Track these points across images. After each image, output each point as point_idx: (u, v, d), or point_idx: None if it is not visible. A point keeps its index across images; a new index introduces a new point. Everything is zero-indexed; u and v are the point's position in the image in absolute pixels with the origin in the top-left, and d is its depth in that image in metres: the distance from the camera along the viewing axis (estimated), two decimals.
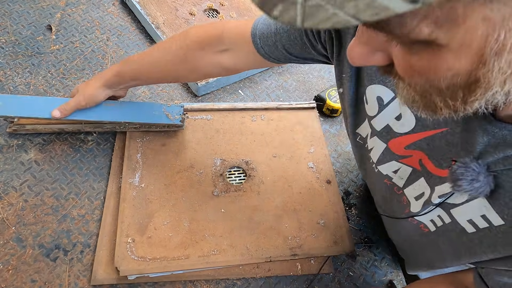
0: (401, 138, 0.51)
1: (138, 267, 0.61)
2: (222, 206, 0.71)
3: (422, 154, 0.50)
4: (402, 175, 0.55)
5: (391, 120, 0.52)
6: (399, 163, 0.54)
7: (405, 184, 0.55)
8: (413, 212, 0.54)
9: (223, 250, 0.66)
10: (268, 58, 0.59)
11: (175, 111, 0.78)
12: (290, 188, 0.76)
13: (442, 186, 0.48)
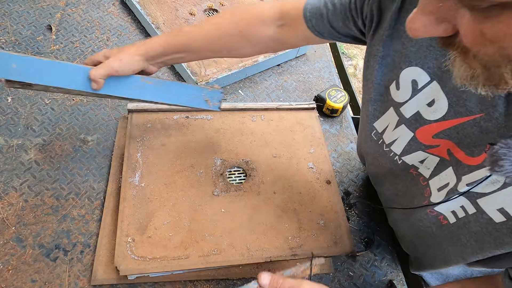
0: (430, 126, 0.50)
1: (138, 267, 0.61)
2: (222, 206, 0.71)
3: (451, 143, 0.49)
4: (429, 165, 0.54)
5: (423, 106, 0.51)
6: (425, 153, 0.53)
7: (432, 174, 0.54)
8: (433, 202, 0.53)
9: (223, 250, 0.66)
10: (313, 31, 0.61)
11: (215, 96, 0.71)
12: (290, 188, 0.76)
13: (471, 175, 0.47)
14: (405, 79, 0.51)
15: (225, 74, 0.91)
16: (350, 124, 0.95)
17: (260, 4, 0.66)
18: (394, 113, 0.55)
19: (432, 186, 0.54)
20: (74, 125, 0.80)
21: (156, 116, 0.81)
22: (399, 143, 0.56)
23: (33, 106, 0.81)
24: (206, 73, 0.91)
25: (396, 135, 0.56)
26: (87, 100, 0.85)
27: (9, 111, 0.80)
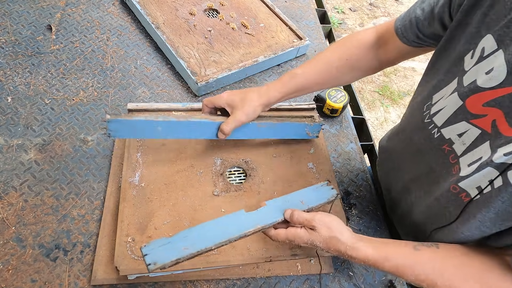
0: (483, 94, 0.51)
1: (138, 267, 0.61)
2: (223, 206, 0.71)
3: (499, 112, 0.50)
4: (466, 139, 0.55)
5: (481, 74, 0.52)
6: (469, 124, 0.54)
7: (465, 151, 0.55)
8: (462, 176, 0.55)
9: (223, 250, 0.66)
10: (404, 41, 0.66)
11: (315, 129, 0.80)
12: (290, 188, 0.76)
13: (507, 146, 0.48)
14: (480, 47, 0.53)
15: (225, 74, 0.91)
16: (350, 124, 0.95)
17: (359, 33, 0.74)
18: (455, 82, 0.56)
19: (463, 163, 0.55)
20: (74, 125, 0.80)
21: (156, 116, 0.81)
22: (444, 113, 0.58)
23: (33, 106, 0.81)
24: (206, 73, 0.91)
25: (444, 104, 0.58)
26: (87, 100, 0.85)
27: (9, 111, 0.80)
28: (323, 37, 1.16)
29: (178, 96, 0.91)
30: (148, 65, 0.95)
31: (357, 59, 0.72)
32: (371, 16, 3.03)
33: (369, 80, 2.54)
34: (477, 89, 0.52)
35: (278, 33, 1.06)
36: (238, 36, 1.02)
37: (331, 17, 2.89)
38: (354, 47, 0.73)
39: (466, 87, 0.54)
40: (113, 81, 0.90)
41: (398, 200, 0.75)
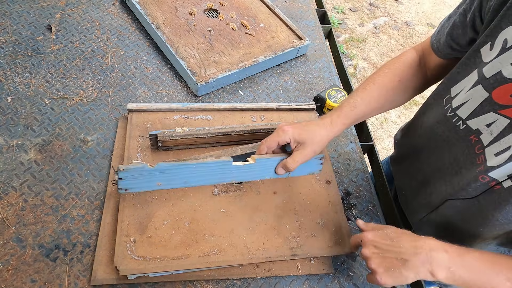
0: (510, 85, 0.52)
1: (138, 267, 0.61)
2: (222, 206, 0.71)
3: None
4: (495, 129, 0.55)
5: (506, 65, 0.52)
6: (497, 114, 0.54)
7: (492, 140, 0.56)
8: (489, 166, 0.55)
9: (223, 250, 0.66)
10: (437, 53, 0.69)
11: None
12: (290, 188, 0.76)
13: None
14: (500, 38, 0.53)
15: (225, 74, 0.91)
16: None
17: (402, 54, 0.75)
18: (476, 75, 0.57)
19: (488, 152, 0.56)
20: (74, 125, 0.80)
21: (156, 116, 0.81)
22: (469, 106, 0.58)
23: (33, 106, 0.81)
24: (206, 73, 0.91)
25: (468, 97, 0.58)
26: (87, 100, 0.85)
27: (9, 111, 0.80)
28: (323, 37, 1.16)
29: (178, 96, 0.91)
30: (148, 65, 0.95)
31: (407, 79, 0.73)
32: (371, 16, 3.03)
33: None
34: (504, 80, 0.53)
35: (278, 33, 1.06)
36: (238, 36, 1.02)
37: (331, 17, 2.89)
38: (402, 67, 0.73)
39: (491, 78, 0.54)
40: (113, 81, 0.90)
41: (416, 192, 0.75)
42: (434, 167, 0.69)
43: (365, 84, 0.74)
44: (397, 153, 0.86)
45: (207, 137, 0.76)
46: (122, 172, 0.59)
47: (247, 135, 0.78)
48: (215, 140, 0.77)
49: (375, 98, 0.72)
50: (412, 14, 3.11)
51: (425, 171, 0.72)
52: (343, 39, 2.78)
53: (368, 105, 0.72)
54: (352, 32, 2.86)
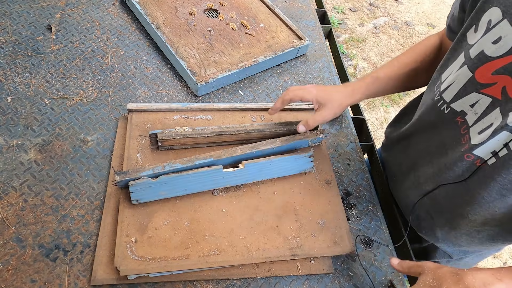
0: (492, 63, 0.54)
1: (138, 267, 0.61)
2: (223, 206, 0.71)
3: (509, 78, 0.52)
4: (478, 109, 0.57)
5: (488, 44, 0.54)
6: (479, 94, 0.56)
7: (477, 119, 0.57)
8: (473, 144, 0.57)
9: (223, 250, 0.66)
10: (449, 37, 0.70)
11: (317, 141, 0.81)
12: (290, 189, 0.76)
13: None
14: (484, 20, 0.55)
15: (225, 74, 0.91)
16: (350, 124, 0.95)
17: (427, 38, 0.79)
18: (463, 57, 0.59)
19: (473, 132, 0.58)
20: (74, 125, 0.80)
21: (156, 116, 0.81)
22: (453, 88, 0.60)
23: (33, 106, 0.81)
24: (206, 73, 0.91)
25: (453, 79, 0.60)
26: (87, 100, 0.85)
27: (9, 111, 0.80)
28: (323, 37, 1.16)
29: (178, 96, 0.91)
30: (148, 65, 0.95)
31: (429, 61, 0.76)
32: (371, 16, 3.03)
33: None
34: (486, 59, 0.54)
35: (278, 33, 1.06)
36: (238, 36, 1.02)
37: (331, 17, 2.89)
38: (425, 50, 0.76)
39: (474, 58, 0.56)
40: (113, 81, 0.90)
41: (405, 177, 0.77)
42: (422, 151, 0.71)
43: (389, 62, 0.78)
44: (388, 140, 0.88)
45: (207, 136, 0.76)
46: (132, 186, 0.65)
47: (247, 134, 0.78)
48: (215, 139, 0.77)
49: (397, 75, 0.75)
50: (412, 14, 3.11)
51: (413, 156, 0.74)
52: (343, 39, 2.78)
53: (389, 80, 0.75)
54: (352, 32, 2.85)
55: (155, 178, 0.66)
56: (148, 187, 0.66)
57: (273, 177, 0.76)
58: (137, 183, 0.65)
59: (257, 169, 0.73)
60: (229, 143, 0.80)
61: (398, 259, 0.61)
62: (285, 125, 0.81)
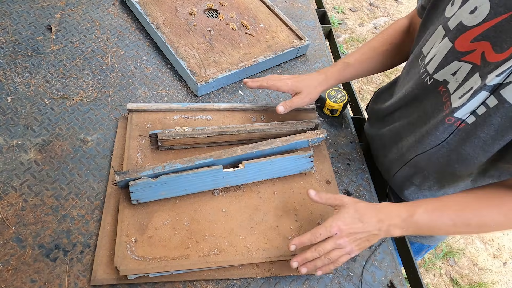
0: (470, 32, 0.58)
1: (138, 267, 0.61)
2: (222, 206, 0.71)
3: (487, 44, 0.56)
4: (459, 76, 0.61)
5: (465, 15, 0.58)
6: (460, 62, 0.60)
7: (457, 86, 0.61)
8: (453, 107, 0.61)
9: (223, 250, 0.66)
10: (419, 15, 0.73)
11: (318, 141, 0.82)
12: (290, 189, 0.76)
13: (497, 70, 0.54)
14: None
15: (225, 74, 0.91)
16: (350, 124, 0.95)
17: (397, 21, 0.84)
18: (442, 29, 0.63)
19: (454, 97, 0.62)
20: (74, 125, 0.80)
21: (156, 116, 0.81)
22: (436, 59, 0.64)
23: (33, 106, 0.81)
24: (206, 73, 0.91)
25: (436, 51, 0.64)
26: (87, 100, 0.85)
27: (9, 111, 0.80)
28: (323, 37, 1.16)
29: (178, 96, 0.91)
30: (148, 65, 0.95)
31: (397, 43, 0.81)
32: (371, 16, 3.03)
33: (369, 80, 2.54)
34: (464, 29, 0.58)
35: (278, 33, 1.06)
36: (238, 36, 1.02)
37: (331, 17, 2.89)
38: (393, 33, 0.82)
39: (454, 29, 0.60)
40: (113, 81, 0.90)
41: (389, 150, 0.80)
42: (405, 124, 0.74)
43: (360, 47, 0.84)
44: (372, 117, 0.91)
45: (207, 136, 0.76)
46: (132, 186, 0.65)
47: (247, 134, 0.78)
48: (215, 140, 0.77)
49: (367, 59, 0.82)
50: None
51: (397, 129, 0.77)
52: (343, 39, 2.78)
53: (360, 65, 0.81)
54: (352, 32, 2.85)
55: (155, 178, 0.66)
56: (148, 187, 0.66)
57: (273, 177, 0.76)
58: (137, 183, 0.65)
59: (257, 169, 0.73)
60: (229, 143, 0.80)
61: (315, 190, 0.66)
62: (285, 125, 0.81)
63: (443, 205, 0.62)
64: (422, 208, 0.62)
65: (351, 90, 1.04)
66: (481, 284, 1.70)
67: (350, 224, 0.61)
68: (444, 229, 0.61)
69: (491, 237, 1.87)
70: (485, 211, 0.60)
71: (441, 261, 1.77)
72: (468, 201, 0.62)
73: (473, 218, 0.60)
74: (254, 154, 0.73)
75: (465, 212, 0.60)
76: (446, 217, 0.60)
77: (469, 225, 0.60)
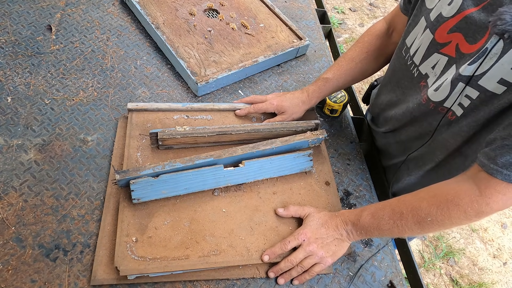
0: (446, 23, 0.60)
1: (138, 267, 0.61)
2: (223, 206, 0.71)
3: (460, 36, 0.59)
4: (438, 70, 0.64)
5: (444, 6, 0.61)
6: (439, 54, 0.63)
7: (435, 81, 0.64)
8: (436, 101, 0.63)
9: (223, 250, 0.66)
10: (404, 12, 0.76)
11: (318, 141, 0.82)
12: (290, 189, 0.76)
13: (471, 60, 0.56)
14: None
15: (225, 74, 0.91)
16: (350, 124, 0.94)
17: (371, 27, 0.85)
18: (424, 21, 0.65)
19: (430, 91, 0.64)
20: (74, 125, 0.80)
21: (156, 115, 0.81)
22: (421, 50, 0.66)
23: (33, 106, 0.81)
24: (206, 73, 0.91)
25: (420, 42, 0.66)
26: (87, 100, 0.85)
27: (9, 111, 0.80)
28: (323, 37, 1.16)
29: (178, 96, 0.91)
30: (148, 65, 0.95)
31: (375, 49, 0.82)
32: (371, 16, 3.03)
33: (369, 80, 2.54)
34: (442, 20, 0.60)
35: (278, 33, 1.06)
36: (238, 36, 1.02)
37: (331, 17, 2.89)
38: (369, 39, 0.83)
39: (434, 20, 0.62)
40: (113, 81, 0.90)
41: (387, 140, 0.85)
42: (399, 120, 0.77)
43: (338, 60, 0.85)
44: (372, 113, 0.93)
45: (208, 136, 0.76)
46: (133, 184, 0.65)
47: (247, 134, 0.78)
48: (215, 139, 0.77)
49: (345, 72, 0.83)
50: None
51: (393, 124, 0.80)
52: (343, 39, 2.78)
53: (339, 78, 0.83)
54: (352, 32, 2.85)
55: (156, 176, 0.66)
56: (149, 186, 0.66)
57: (273, 176, 0.76)
58: (139, 182, 0.65)
59: (257, 167, 0.73)
60: (229, 143, 0.80)
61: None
62: (285, 125, 0.81)
63: (383, 206, 0.63)
64: (366, 211, 0.64)
65: (351, 90, 1.04)
66: (481, 284, 1.70)
67: (315, 230, 0.66)
68: (388, 229, 0.61)
69: (491, 237, 1.87)
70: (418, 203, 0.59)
71: (441, 261, 1.77)
72: (405, 198, 0.62)
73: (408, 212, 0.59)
74: (254, 154, 0.73)
75: (401, 208, 0.60)
76: (386, 216, 0.61)
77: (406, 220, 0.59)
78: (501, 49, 0.53)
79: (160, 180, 0.67)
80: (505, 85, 0.54)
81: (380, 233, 0.62)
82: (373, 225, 0.62)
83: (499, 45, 0.53)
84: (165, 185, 0.68)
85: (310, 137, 0.78)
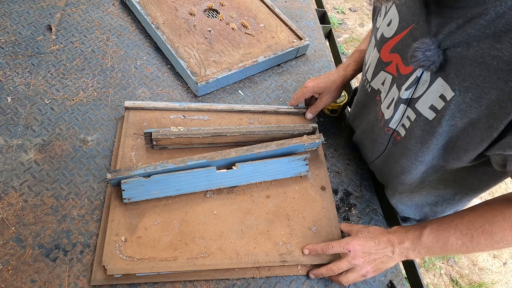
0: (388, 43, 0.62)
1: (126, 267, 0.61)
2: (214, 208, 0.71)
3: (398, 56, 0.60)
4: (386, 86, 0.65)
5: (384, 27, 0.63)
6: (385, 72, 0.65)
7: (385, 97, 0.66)
8: (386, 119, 0.66)
9: (212, 253, 0.65)
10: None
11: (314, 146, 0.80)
12: (284, 193, 0.75)
13: (406, 82, 0.58)
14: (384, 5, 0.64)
15: (225, 74, 0.91)
16: (350, 124, 0.94)
17: None
18: (373, 39, 0.68)
19: (383, 107, 0.67)
20: (74, 125, 0.80)
21: (152, 114, 0.81)
22: (371, 67, 0.69)
23: (33, 106, 0.82)
24: (206, 73, 0.91)
25: (370, 59, 0.69)
26: (87, 100, 0.85)
27: (9, 111, 0.80)
28: (323, 37, 1.16)
29: (178, 96, 0.91)
30: (148, 65, 0.95)
31: None
32: None
33: None
34: (385, 40, 0.63)
35: (278, 33, 1.06)
36: (238, 36, 1.02)
37: (331, 17, 2.88)
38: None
39: (379, 40, 0.65)
40: (113, 81, 0.90)
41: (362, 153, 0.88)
42: (363, 131, 0.81)
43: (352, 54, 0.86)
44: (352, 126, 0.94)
45: (202, 137, 0.76)
46: (124, 184, 0.65)
47: (242, 136, 0.78)
48: (210, 141, 0.77)
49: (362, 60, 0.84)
50: None
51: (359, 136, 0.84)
52: (343, 39, 2.78)
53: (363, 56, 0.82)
54: (352, 32, 2.85)
55: (148, 177, 0.66)
56: (140, 186, 0.66)
57: (267, 179, 0.76)
58: (130, 181, 0.65)
59: (251, 170, 0.73)
60: (224, 144, 0.79)
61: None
62: (281, 128, 0.80)
63: (447, 226, 0.59)
64: (427, 229, 0.60)
65: (351, 90, 1.04)
66: (481, 284, 1.70)
67: (364, 243, 0.62)
68: (456, 249, 0.59)
69: None
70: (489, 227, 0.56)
71: (441, 261, 1.77)
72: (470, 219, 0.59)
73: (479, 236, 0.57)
74: (248, 156, 0.73)
75: (470, 230, 0.57)
76: (453, 237, 0.58)
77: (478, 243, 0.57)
78: (429, 77, 0.55)
79: (152, 180, 0.67)
80: (434, 111, 0.56)
81: (444, 252, 0.60)
82: (438, 244, 0.59)
83: (427, 73, 0.55)
84: (157, 185, 0.67)
85: (307, 141, 0.77)
